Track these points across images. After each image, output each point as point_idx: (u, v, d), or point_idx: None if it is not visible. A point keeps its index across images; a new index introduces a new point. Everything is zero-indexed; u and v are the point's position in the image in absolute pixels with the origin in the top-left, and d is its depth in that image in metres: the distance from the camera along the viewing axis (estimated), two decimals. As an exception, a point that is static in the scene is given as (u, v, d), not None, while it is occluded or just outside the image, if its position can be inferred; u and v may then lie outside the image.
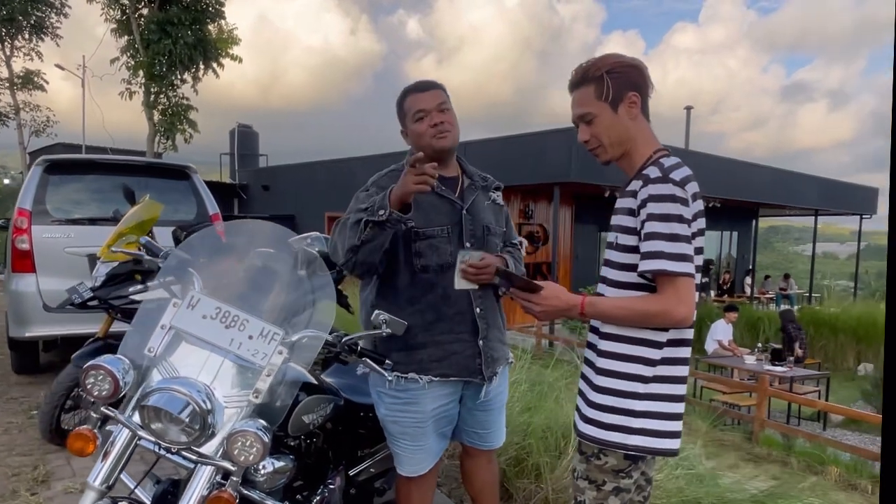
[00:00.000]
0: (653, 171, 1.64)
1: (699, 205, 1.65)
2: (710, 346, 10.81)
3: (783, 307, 16.31)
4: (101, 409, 1.73)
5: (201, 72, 14.56)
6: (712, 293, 19.02)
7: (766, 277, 22.77)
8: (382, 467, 2.57)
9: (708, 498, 2.63)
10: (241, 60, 15.19)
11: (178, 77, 14.23)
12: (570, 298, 1.74)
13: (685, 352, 1.70)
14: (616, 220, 1.75)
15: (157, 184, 5.37)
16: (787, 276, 21.80)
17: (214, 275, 1.97)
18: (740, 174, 16.74)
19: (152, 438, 1.72)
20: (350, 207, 2.16)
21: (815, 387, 9.19)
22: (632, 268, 1.67)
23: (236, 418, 1.75)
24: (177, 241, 3.66)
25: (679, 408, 1.69)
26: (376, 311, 1.98)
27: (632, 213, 1.67)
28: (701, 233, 1.65)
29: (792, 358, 9.41)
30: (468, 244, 2.17)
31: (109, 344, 3.63)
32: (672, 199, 1.59)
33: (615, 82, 1.70)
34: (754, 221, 22.48)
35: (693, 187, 1.63)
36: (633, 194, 1.67)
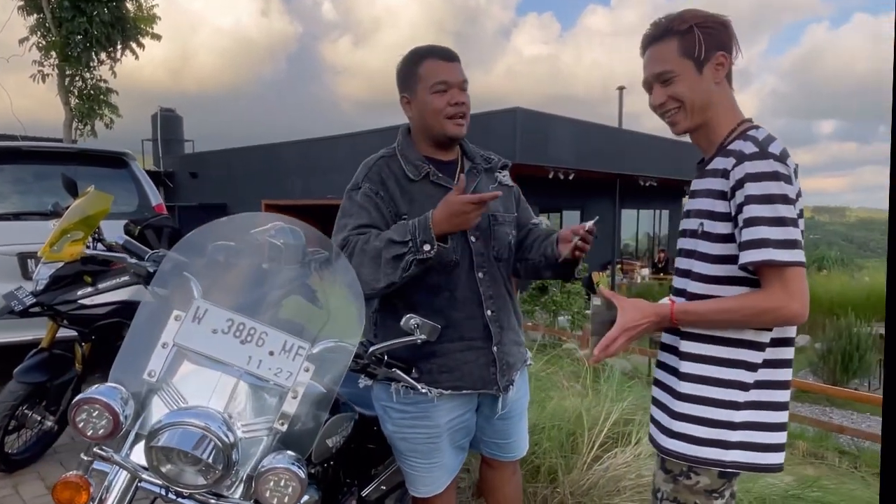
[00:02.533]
0: (747, 146, 1.43)
1: (799, 183, 1.46)
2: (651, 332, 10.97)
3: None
4: (94, 449, 1.42)
5: (119, 52, 13.67)
6: (648, 271, 19.46)
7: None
8: (394, 482, 2.32)
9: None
10: (160, 39, 14.36)
11: (96, 58, 13.30)
12: (656, 309, 1.51)
13: (789, 352, 1.51)
14: (697, 203, 1.55)
15: (92, 172, 4.85)
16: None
17: (216, 279, 1.67)
18: (674, 153, 17.08)
19: (159, 481, 1.42)
20: (345, 210, 1.93)
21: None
22: (727, 259, 1.46)
23: (260, 451, 1.47)
24: (130, 236, 3.28)
25: (783, 416, 1.49)
26: (407, 315, 1.72)
27: (722, 195, 1.46)
28: (801, 214, 1.46)
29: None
30: (472, 238, 1.90)
31: (55, 355, 3.23)
32: (774, 176, 1.38)
33: (705, 38, 1.49)
34: (684, 199, 23.08)
35: (792, 162, 1.44)
36: (723, 173, 1.46)
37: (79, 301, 3.16)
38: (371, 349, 1.75)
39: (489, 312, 1.92)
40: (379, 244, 1.80)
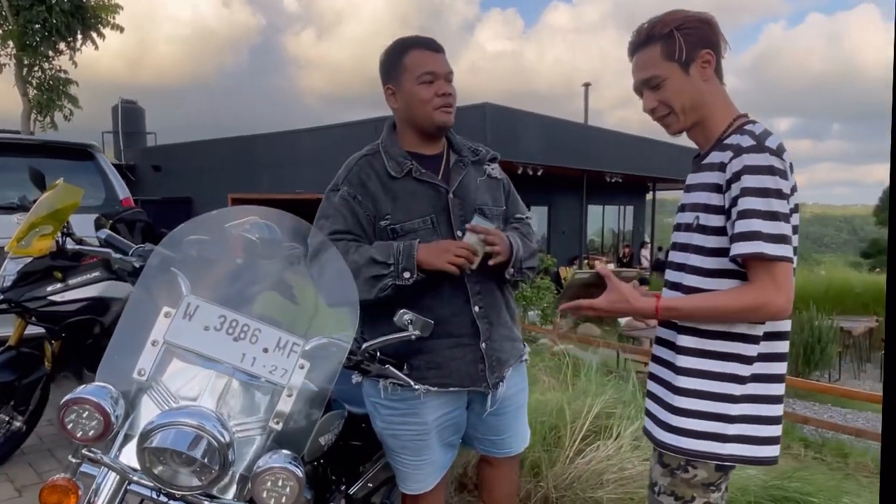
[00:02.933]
0: (744, 140, 1.44)
1: (794, 178, 1.48)
2: (623, 318, 11.10)
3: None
4: (83, 451, 1.37)
5: (79, 42, 13.32)
6: (613, 266, 19.69)
7: (660, 249, 23.81)
8: (380, 479, 2.30)
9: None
10: (122, 30, 14.02)
11: (55, 48, 12.92)
12: (638, 303, 1.52)
13: (784, 346, 1.52)
14: (693, 197, 1.56)
15: (56, 165, 4.71)
16: (677, 247, 22.83)
17: (206, 275, 1.63)
18: (639, 150, 17.28)
19: (150, 483, 1.38)
20: (323, 211, 1.92)
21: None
22: (722, 252, 1.47)
23: (254, 451, 1.44)
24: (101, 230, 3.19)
25: (778, 410, 1.51)
26: (401, 311, 1.70)
27: (717, 188, 1.47)
28: (796, 209, 1.47)
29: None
30: (459, 233, 1.87)
31: (24, 353, 3.13)
32: (770, 170, 1.39)
33: (687, 39, 1.50)
34: (647, 195, 23.38)
35: (788, 157, 1.45)
36: (720, 167, 1.47)
37: (48, 297, 3.07)
38: (364, 346, 1.72)
39: (477, 308, 1.89)
40: (359, 259, 1.80)
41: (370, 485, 2.26)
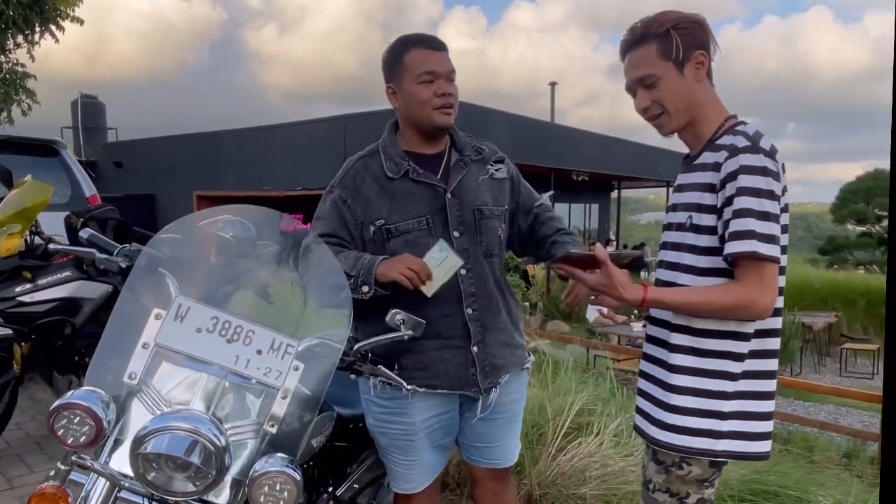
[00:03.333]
0: (738, 140, 1.46)
1: (785, 178, 1.50)
2: (591, 314, 11.20)
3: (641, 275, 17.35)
4: (72, 458, 1.34)
5: (38, 35, 12.92)
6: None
7: (625, 247, 24.13)
8: (365, 480, 2.28)
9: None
10: (82, 23, 13.66)
11: (12, 40, 12.53)
12: (627, 291, 1.51)
13: (774, 343, 1.54)
14: (685, 197, 1.57)
15: (20, 161, 4.57)
16: (642, 245, 23.19)
17: (194, 275, 1.59)
18: (604, 148, 17.47)
19: (141, 490, 1.35)
20: (318, 211, 1.92)
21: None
22: (714, 251, 1.49)
23: (247, 454, 1.42)
24: (71, 229, 3.11)
25: (770, 406, 1.53)
26: (393, 311, 1.69)
27: (710, 188, 1.49)
28: (786, 208, 1.49)
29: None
30: (456, 233, 1.85)
31: (-10, 356, 3.03)
32: (764, 171, 1.42)
33: (682, 39, 1.51)
34: (612, 193, 23.66)
35: (780, 158, 1.48)
36: (714, 167, 1.48)
37: (17, 298, 2.98)
38: (356, 346, 1.71)
39: (469, 311, 1.86)
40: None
41: (356, 486, 2.24)
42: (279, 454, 1.39)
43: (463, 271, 1.84)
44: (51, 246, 2.69)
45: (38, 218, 3.07)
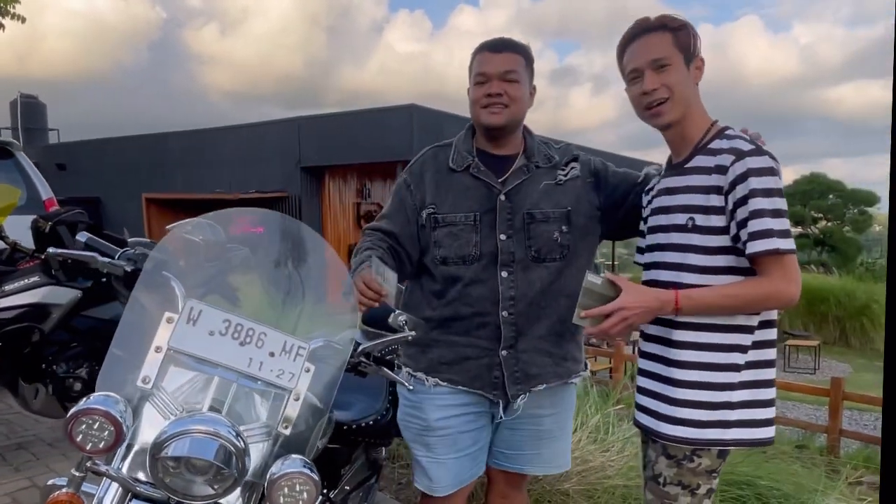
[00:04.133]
0: (741, 144, 1.53)
1: None
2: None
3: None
4: (88, 464, 1.32)
5: (-26, 31, 12.42)
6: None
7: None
8: (357, 481, 2.30)
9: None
10: (23, 20, 13.19)
11: (-51, 37, 12.00)
12: (659, 293, 1.56)
13: (773, 333, 1.62)
14: (680, 199, 1.62)
15: (-29, 164, 4.43)
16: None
17: (198, 279, 1.59)
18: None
19: (156, 494, 1.34)
20: (387, 203, 2.03)
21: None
22: (722, 251, 1.55)
23: (261, 457, 1.42)
24: (39, 233, 3.02)
25: (772, 393, 1.60)
26: (395, 312, 1.71)
27: (714, 190, 1.55)
28: None
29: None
30: (503, 236, 1.84)
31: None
32: (772, 172, 1.50)
33: (695, 38, 1.59)
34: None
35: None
36: (718, 170, 1.54)
37: (-13, 304, 2.87)
38: (360, 348, 1.72)
39: (505, 314, 1.83)
40: (360, 248, 1.89)
41: (347, 487, 2.26)
42: (295, 455, 1.40)
43: (504, 273, 1.84)
44: (50, 250, 2.61)
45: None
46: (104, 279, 3.06)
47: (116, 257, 2.29)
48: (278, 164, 12.81)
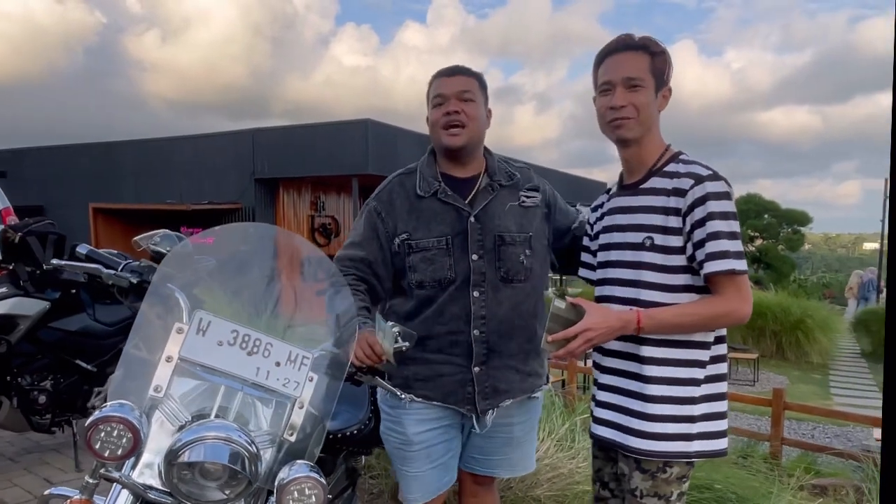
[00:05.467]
0: (698, 169, 1.62)
1: None
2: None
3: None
4: (102, 471, 1.36)
5: None
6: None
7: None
8: (338, 489, 2.35)
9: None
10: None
11: None
12: (621, 314, 1.62)
13: (725, 348, 1.72)
14: (637, 219, 1.69)
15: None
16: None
17: (203, 291, 1.64)
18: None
19: (168, 501, 1.39)
20: (356, 222, 2.04)
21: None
22: (679, 270, 1.64)
23: (267, 463, 1.48)
24: (7, 244, 2.98)
25: (725, 405, 1.69)
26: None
27: (672, 212, 1.63)
28: None
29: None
30: (475, 256, 1.90)
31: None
32: (728, 196, 1.59)
33: (670, 67, 1.68)
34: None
35: None
36: (676, 192, 1.62)
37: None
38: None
39: (476, 332, 1.90)
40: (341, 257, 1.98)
41: (330, 496, 2.30)
42: (301, 461, 1.46)
43: (476, 293, 1.90)
44: (53, 261, 2.57)
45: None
46: (73, 290, 3.05)
47: (119, 269, 2.30)
48: (232, 175, 12.67)
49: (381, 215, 1.96)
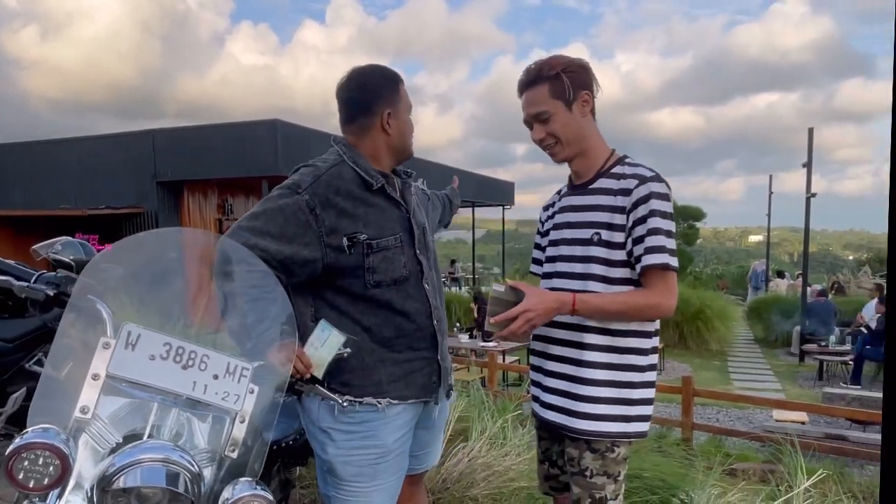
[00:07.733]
0: (642, 171, 1.73)
1: None
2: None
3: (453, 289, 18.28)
4: (26, 501, 1.23)
5: None
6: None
7: (453, 263, 24.91)
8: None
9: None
10: None
11: None
12: (558, 295, 1.72)
13: (657, 341, 1.83)
14: (585, 216, 1.80)
15: None
16: (453, 262, 24.24)
17: (128, 302, 1.52)
18: (410, 167, 18.01)
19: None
20: (259, 214, 1.78)
21: (516, 357, 10.32)
22: (623, 264, 1.74)
23: (208, 482, 1.40)
24: None
25: (653, 392, 1.81)
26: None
27: (618, 210, 1.73)
28: None
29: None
30: (418, 251, 1.90)
31: None
32: (668, 197, 1.71)
33: (571, 81, 1.75)
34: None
35: None
36: (622, 192, 1.73)
37: None
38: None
39: (435, 322, 1.93)
40: None
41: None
42: (244, 479, 1.40)
43: (427, 286, 1.90)
44: None
45: None
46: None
47: (32, 281, 2.09)
48: (132, 179, 12.02)
49: (314, 211, 1.78)
